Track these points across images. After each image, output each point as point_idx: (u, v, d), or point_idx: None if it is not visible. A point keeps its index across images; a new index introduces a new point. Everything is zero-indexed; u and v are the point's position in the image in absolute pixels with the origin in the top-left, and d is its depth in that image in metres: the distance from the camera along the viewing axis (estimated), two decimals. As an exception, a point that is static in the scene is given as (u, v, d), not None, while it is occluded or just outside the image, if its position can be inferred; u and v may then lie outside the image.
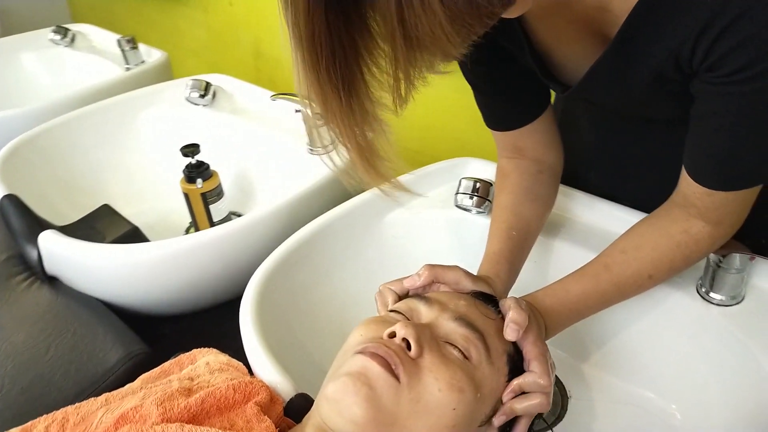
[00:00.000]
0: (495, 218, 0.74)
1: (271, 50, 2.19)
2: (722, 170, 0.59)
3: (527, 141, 0.76)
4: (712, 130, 0.56)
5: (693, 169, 0.60)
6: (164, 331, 0.93)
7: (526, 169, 0.76)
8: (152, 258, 0.84)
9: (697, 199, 0.61)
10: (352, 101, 0.46)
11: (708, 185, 0.59)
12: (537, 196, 0.75)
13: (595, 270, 0.66)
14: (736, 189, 0.59)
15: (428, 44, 0.40)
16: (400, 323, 0.52)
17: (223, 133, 1.17)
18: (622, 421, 0.71)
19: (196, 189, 1.03)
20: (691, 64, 0.52)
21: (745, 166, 0.58)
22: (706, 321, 0.69)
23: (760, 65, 0.48)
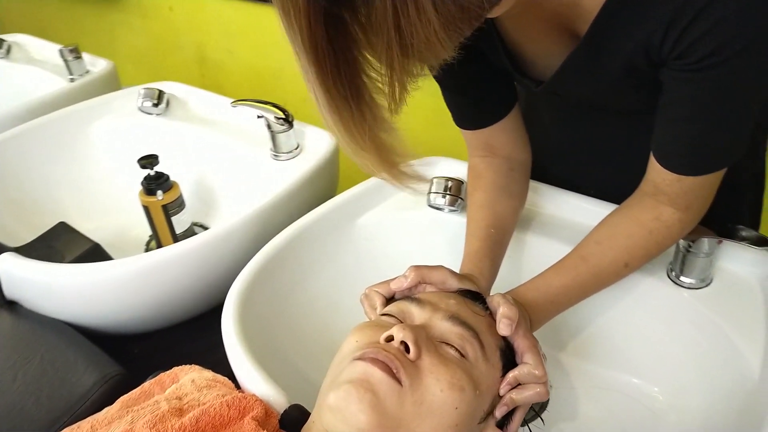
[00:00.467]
0: (472, 217, 0.75)
1: (215, 55, 2.14)
2: (692, 155, 0.61)
3: (498, 138, 0.77)
4: (681, 117, 0.59)
5: (662, 156, 0.63)
6: (134, 350, 0.90)
7: (498, 167, 0.77)
8: (118, 276, 0.81)
9: (667, 186, 0.63)
10: (362, 108, 0.47)
11: (678, 171, 0.62)
12: (511, 193, 0.77)
13: (574, 262, 0.68)
14: (705, 173, 0.61)
15: (423, 50, 0.41)
16: (396, 326, 0.52)
17: (180, 142, 1.14)
18: (605, 406, 0.73)
19: (156, 201, 1.00)
20: (661, 53, 0.54)
21: (714, 150, 0.60)
22: (678, 304, 0.72)
23: (727, 50, 0.50)
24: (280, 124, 0.99)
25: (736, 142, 0.60)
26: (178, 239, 1.04)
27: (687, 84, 0.55)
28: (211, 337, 0.89)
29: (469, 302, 0.60)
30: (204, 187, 1.13)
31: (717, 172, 0.62)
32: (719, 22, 0.49)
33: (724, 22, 0.49)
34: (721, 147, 0.60)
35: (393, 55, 0.41)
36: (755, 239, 0.67)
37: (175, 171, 1.03)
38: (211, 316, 0.91)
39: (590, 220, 0.76)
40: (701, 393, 0.66)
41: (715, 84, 0.54)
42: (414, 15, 0.38)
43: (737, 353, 0.64)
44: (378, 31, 0.40)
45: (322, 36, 0.42)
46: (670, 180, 0.63)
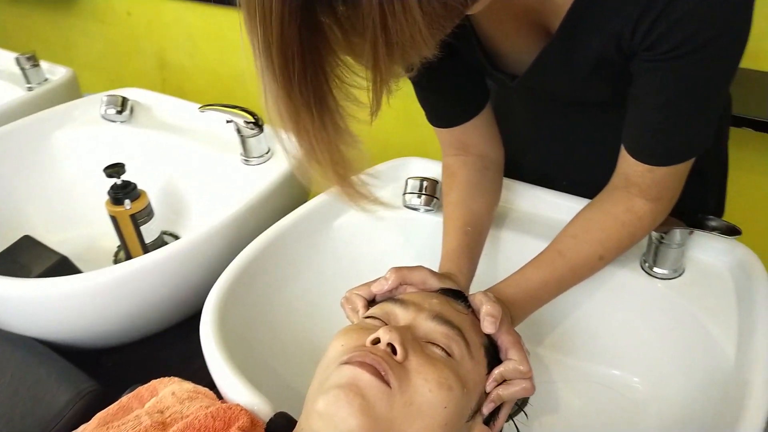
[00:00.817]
0: (448, 216, 0.75)
1: (176, 59, 2.11)
2: (662, 146, 0.62)
3: (471, 136, 0.77)
4: (651, 107, 0.60)
5: (633, 148, 0.64)
6: (107, 364, 0.88)
7: (472, 165, 0.78)
8: (88, 289, 0.79)
9: (638, 177, 0.65)
10: (324, 117, 0.45)
11: (649, 162, 0.63)
12: (485, 191, 0.77)
13: (551, 257, 0.69)
14: (675, 163, 0.63)
15: (408, 49, 0.41)
16: (383, 328, 0.51)
17: (146, 149, 1.12)
18: (587, 399, 0.74)
19: (124, 211, 0.98)
20: (631, 45, 0.55)
21: (683, 140, 0.62)
22: (653, 295, 0.73)
23: (695, 41, 0.52)
24: (250, 128, 0.98)
25: (704, 131, 0.62)
26: (148, 249, 1.02)
27: (657, 74, 0.57)
28: (186, 348, 0.88)
29: (451, 301, 0.60)
30: (173, 194, 1.11)
31: (687, 161, 0.63)
32: (687, 13, 0.50)
33: (691, 13, 0.50)
34: (690, 136, 0.62)
35: (378, 55, 0.41)
36: (725, 229, 0.69)
37: (143, 179, 1.01)
38: (185, 327, 0.90)
39: (564, 215, 0.77)
40: (680, 381, 0.68)
41: (684, 73, 0.55)
42: (400, 14, 0.38)
43: (712, 340, 0.66)
44: (362, 31, 0.40)
45: (294, 39, 0.40)
46: (641, 171, 0.64)
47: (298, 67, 0.42)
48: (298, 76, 0.42)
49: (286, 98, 0.43)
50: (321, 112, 0.45)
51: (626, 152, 0.65)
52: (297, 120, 0.45)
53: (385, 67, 0.42)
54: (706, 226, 0.70)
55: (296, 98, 0.43)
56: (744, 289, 0.69)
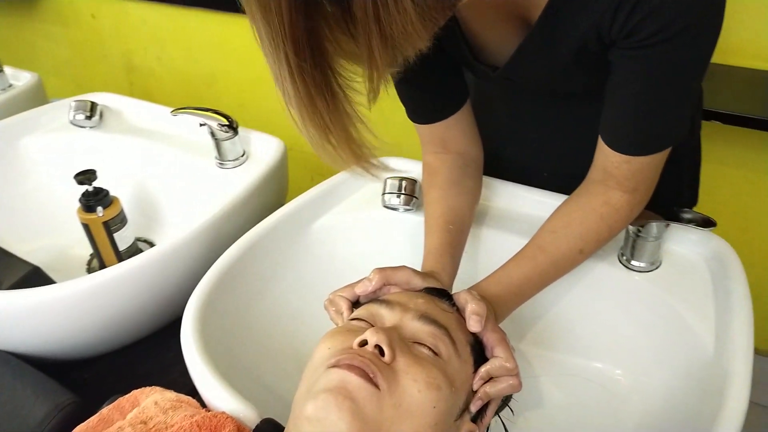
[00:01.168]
0: (430, 214, 0.75)
1: (143, 62, 2.08)
2: (639, 135, 0.64)
3: (451, 133, 0.78)
4: (629, 96, 0.61)
5: (611, 138, 0.65)
6: (84, 375, 0.86)
7: (453, 163, 0.78)
8: (63, 299, 0.77)
9: (615, 169, 0.66)
10: (337, 103, 0.48)
11: (626, 152, 0.64)
12: (465, 189, 0.77)
13: (532, 252, 0.69)
14: (652, 152, 0.64)
15: (401, 41, 0.42)
16: (370, 330, 0.51)
17: (118, 155, 1.10)
18: (570, 392, 0.74)
19: (96, 218, 0.96)
20: (610, 34, 0.57)
21: (660, 129, 0.63)
22: (631, 287, 0.74)
23: (672, 28, 0.53)
24: (224, 131, 0.97)
25: (680, 121, 0.63)
26: (122, 256, 1.00)
27: (635, 62, 0.58)
28: (164, 356, 0.86)
29: (436, 300, 0.60)
30: (146, 200, 1.09)
31: (663, 151, 0.65)
32: (664, 2, 0.52)
33: (668, 2, 0.52)
34: (666, 126, 0.63)
35: (373, 48, 0.42)
36: (700, 221, 0.70)
37: (114, 185, 0.99)
38: (163, 335, 0.89)
39: (541, 212, 0.78)
40: (661, 372, 0.69)
41: (661, 61, 0.57)
42: (392, 6, 0.40)
43: (691, 331, 0.67)
44: (358, 22, 0.41)
45: (302, 28, 0.42)
46: (619, 162, 0.65)
47: (309, 56, 0.44)
48: (309, 64, 0.44)
49: (304, 88, 0.46)
50: (333, 97, 0.47)
51: (604, 143, 0.66)
52: (312, 104, 0.47)
53: (381, 59, 0.43)
54: (682, 219, 0.71)
55: (310, 84, 0.45)
56: (720, 279, 0.71)
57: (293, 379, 0.72)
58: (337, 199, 0.89)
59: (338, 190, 0.89)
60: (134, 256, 0.81)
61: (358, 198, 0.89)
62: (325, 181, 0.89)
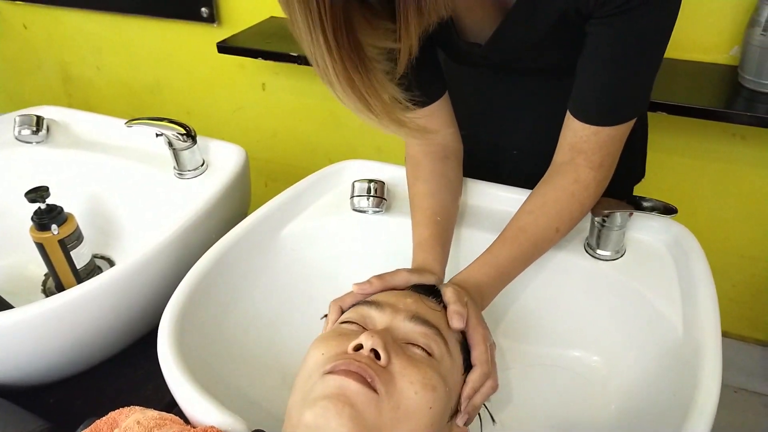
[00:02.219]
0: (417, 206, 0.76)
1: (81, 72, 2.01)
2: (609, 103, 0.68)
3: (434, 122, 0.79)
4: (600, 64, 0.65)
5: (581, 109, 0.69)
6: (49, 400, 0.82)
7: (435, 155, 0.80)
8: (22, 324, 0.74)
9: (584, 143, 0.70)
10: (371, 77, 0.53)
11: (595, 122, 0.68)
12: (449, 182, 0.80)
13: (514, 234, 0.72)
14: (619, 122, 0.68)
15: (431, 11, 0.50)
16: (364, 334, 0.51)
17: (69, 170, 1.06)
18: (550, 382, 0.76)
19: (51, 236, 0.92)
20: (588, 4, 0.62)
21: (627, 98, 0.68)
22: (598, 276, 0.77)
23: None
24: (182, 140, 0.95)
25: (645, 91, 0.68)
26: (80, 275, 0.96)
27: (607, 28, 0.62)
28: (133, 374, 0.84)
29: (424, 298, 0.61)
30: (102, 215, 1.05)
31: (627, 123, 0.69)
32: None
33: None
34: (633, 95, 0.68)
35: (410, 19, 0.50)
36: (662, 208, 0.73)
37: (67, 201, 0.95)
38: (131, 352, 0.86)
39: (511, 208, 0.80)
40: (636, 356, 0.71)
41: (631, 26, 0.62)
42: None
43: (659, 314, 0.70)
44: None
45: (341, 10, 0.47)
46: (587, 135, 0.69)
47: (345, 36, 0.49)
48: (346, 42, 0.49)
49: (339, 61, 0.50)
50: (366, 71, 0.52)
51: (573, 117, 0.70)
52: (350, 79, 0.52)
53: (414, 31, 0.51)
54: (644, 207, 0.74)
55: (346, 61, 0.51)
56: (682, 263, 0.74)
57: (275, 388, 0.72)
58: (305, 205, 0.88)
59: (305, 196, 0.88)
60: (96, 276, 0.78)
61: (326, 202, 0.89)
62: (291, 186, 0.88)
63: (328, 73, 0.52)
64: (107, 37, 1.87)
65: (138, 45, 1.84)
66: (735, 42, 1.22)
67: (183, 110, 1.90)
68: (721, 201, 1.41)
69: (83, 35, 1.91)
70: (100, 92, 2.03)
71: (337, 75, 0.51)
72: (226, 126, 1.85)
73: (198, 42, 1.73)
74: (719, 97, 1.17)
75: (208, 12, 1.65)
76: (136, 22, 1.78)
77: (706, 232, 1.47)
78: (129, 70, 1.92)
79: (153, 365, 0.66)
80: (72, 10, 1.86)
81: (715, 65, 1.25)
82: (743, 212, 1.41)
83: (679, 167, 1.38)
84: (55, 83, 2.08)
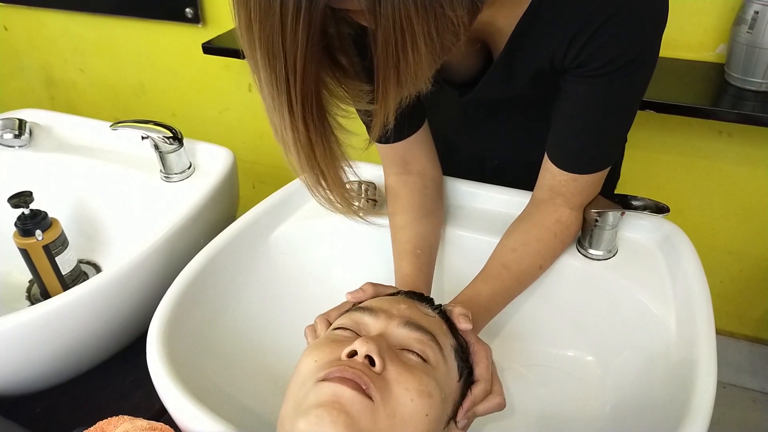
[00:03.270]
0: (397, 240, 0.76)
1: (65, 75, 1.98)
2: (585, 154, 0.69)
3: (413, 152, 0.79)
4: (577, 119, 0.67)
5: (559, 158, 0.70)
6: (35, 409, 0.81)
7: (413, 185, 0.79)
8: (6, 333, 0.72)
9: (563, 187, 0.71)
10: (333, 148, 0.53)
11: (574, 170, 0.70)
12: (428, 212, 0.79)
13: (497, 271, 0.72)
14: (596, 171, 0.70)
15: (410, 85, 0.48)
16: (358, 340, 0.50)
17: (52, 174, 1.04)
18: (543, 382, 0.76)
19: (36, 242, 0.90)
20: (563, 63, 0.62)
21: (604, 149, 0.70)
22: (592, 275, 0.76)
23: (619, 61, 0.59)
24: (168, 143, 0.93)
25: (621, 141, 0.71)
26: (66, 281, 0.95)
27: (584, 88, 0.63)
28: (121, 382, 0.83)
29: (418, 304, 0.60)
30: (87, 220, 1.03)
31: (605, 169, 0.71)
32: (613, 37, 0.58)
33: (616, 37, 0.58)
34: (610, 146, 0.70)
35: (389, 91, 0.47)
36: (654, 207, 0.73)
37: (51, 206, 0.93)
38: (119, 360, 0.85)
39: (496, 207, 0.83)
40: (630, 355, 0.71)
41: (608, 88, 0.62)
42: (411, 56, 0.45)
43: (653, 313, 0.70)
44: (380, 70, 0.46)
45: (312, 78, 0.46)
46: (566, 180, 0.71)
47: (314, 105, 0.48)
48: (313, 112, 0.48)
49: (304, 131, 0.49)
50: (328, 143, 0.52)
51: (551, 163, 0.71)
52: (311, 150, 0.51)
53: (392, 101, 0.49)
54: (636, 206, 0.74)
55: (311, 131, 0.49)
56: (674, 262, 0.74)
57: (265, 394, 0.71)
58: (295, 207, 0.87)
59: (295, 198, 0.87)
60: (82, 283, 0.76)
61: (315, 205, 0.87)
62: (281, 189, 0.87)
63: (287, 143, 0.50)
64: (90, 38, 1.85)
65: (121, 46, 1.82)
66: (721, 40, 1.23)
67: (168, 112, 1.88)
68: (708, 198, 1.42)
69: (66, 37, 1.88)
70: (83, 95, 2.00)
71: (297, 145, 0.50)
72: (212, 128, 1.83)
73: (182, 43, 1.71)
74: (706, 95, 1.17)
75: (192, 12, 1.63)
76: (119, 23, 1.76)
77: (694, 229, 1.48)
78: (113, 72, 1.90)
79: (142, 372, 0.65)
80: (54, 12, 1.83)
81: (702, 63, 1.25)
82: (730, 209, 1.42)
83: (666, 165, 1.39)
84: (37, 86, 2.05)
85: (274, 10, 0.42)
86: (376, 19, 0.43)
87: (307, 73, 0.45)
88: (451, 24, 0.45)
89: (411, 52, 0.44)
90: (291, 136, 0.49)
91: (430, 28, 0.44)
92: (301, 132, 0.48)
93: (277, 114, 0.48)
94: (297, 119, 0.48)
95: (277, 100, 0.47)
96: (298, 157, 0.51)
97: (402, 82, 0.46)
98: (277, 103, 0.47)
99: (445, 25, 0.44)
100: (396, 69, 0.45)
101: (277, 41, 0.43)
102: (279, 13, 0.42)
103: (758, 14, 1.09)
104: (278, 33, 0.43)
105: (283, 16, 0.42)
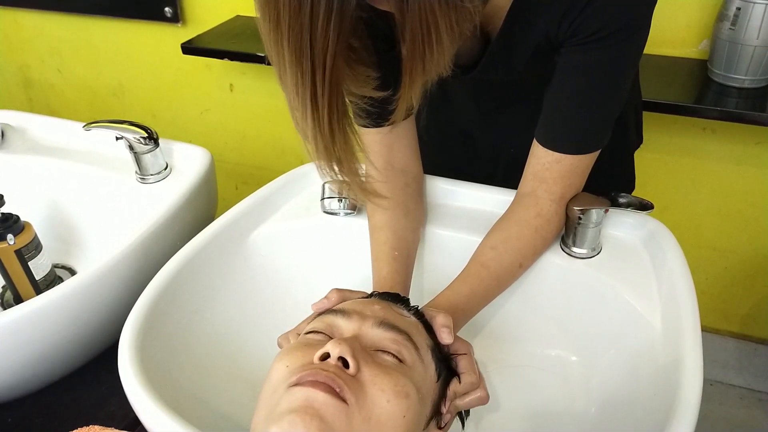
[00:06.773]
0: (375, 240, 0.75)
1: (42, 76, 1.95)
2: (572, 133, 0.68)
3: (398, 145, 0.78)
4: (568, 93, 0.66)
5: (547, 135, 0.69)
6: (7, 419, 0.78)
7: (394, 184, 0.78)
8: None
9: (546, 171, 0.70)
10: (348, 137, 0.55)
11: (559, 149, 0.68)
12: (407, 211, 0.78)
13: (476, 270, 0.71)
14: (582, 152, 0.69)
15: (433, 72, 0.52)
16: (331, 342, 0.49)
17: (25, 177, 1.01)
18: (527, 383, 0.75)
19: (8, 247, 0.88)
20: (558, 35, 0.63)
21: (590, 130, 0.68)
22: (575, 274, 0.75)
23: (611, 26, 0.61)
24: (143, 143, 0.91)
25: (608, 123, 0.69)
26: (40, 286, 0.92)
27: (576, 56, 0.64)
28: (95, 390, 0.80)
29: (392, 305, 0.59)
30: (61, 223, 1.01)
31: (590, 155, 0.70)
32: (602, 6, 0.60)
33: (606, 6, 0.60)
34: (595, 127, 0.69)
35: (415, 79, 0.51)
36: (638, 204, 0.72)
37: (25, 210, 0.91)
38: (93, 367, 0.82)
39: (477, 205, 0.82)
40: (615, 353, 0.70)
41: (600, 55, 0.63)
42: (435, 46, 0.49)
43: (637, 311, 0.69)
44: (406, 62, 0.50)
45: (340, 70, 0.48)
46: (550, 162, 0.69)
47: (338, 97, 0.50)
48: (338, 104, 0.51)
49: (328, 122, 0.51)
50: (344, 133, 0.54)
51: (537, 145, 0.70)
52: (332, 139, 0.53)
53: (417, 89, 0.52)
54: (620, 204, 0.73)
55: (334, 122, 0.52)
56: (659, 259, 0.73)
57: (241, 400, 0.69)
58: (274, 208, 0.85)
59: (274, 198, 0.85)
60: (55, 287, 0.74)
61: (295, 205, 0.86)
62: (260, 189, 0.86)
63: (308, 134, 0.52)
64: (68, 38, 1.82)
65: (100, 47, 1.79)
66: (704, 36, 1.23)
67: (148, 113, 1.85)
68: (692, 195, 1.42)
69: (43, 37, 1.85)
70: (62, 96, 1.97)
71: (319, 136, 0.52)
72: (193, 129, 1.80)
73: (162, 43, 1.68)
74: (689, 92, 1.17)
75: (171, 12, 1.61)
76: (97, 23, 1.73)
77: (678, 226, 1.48)
78: (91, 73, 1.87)
79: (117, 379, 0.63)
80: (30, 11, 1.80)
81: (685, 59, 1.25)
82: (714, 206, 1.42)
83: (650, 162, 1.38)
84: (14, 88, 2.02)
85: (305, 10, 0.45)
86: (403, 16, 0.47)
87: (335, 69, 0.48)
88: (469, 14, 0.48)
89: (435, 43, 0.48)
90: (311, 126, 0.51)
91: (451, 20, 0.47)
92: (325, 122, 0.51)
93: (300, 105, 0.50)
94: (322, 111, 0.50)
95: (301, 95, 0.49)
96: (316, 146, 0.53)
97: (427, 70, 0.51)
98: (301, 96, 0.49)
99: (464, 15, 0.48)
100: (422, 59, 0.49)
101: (306, 38, 0.46)
102: (309, 12, 0.45)
103: (740, 11, 1.09)
104: (307, 31, 0.46)
105: (313, 16, 0.45)
